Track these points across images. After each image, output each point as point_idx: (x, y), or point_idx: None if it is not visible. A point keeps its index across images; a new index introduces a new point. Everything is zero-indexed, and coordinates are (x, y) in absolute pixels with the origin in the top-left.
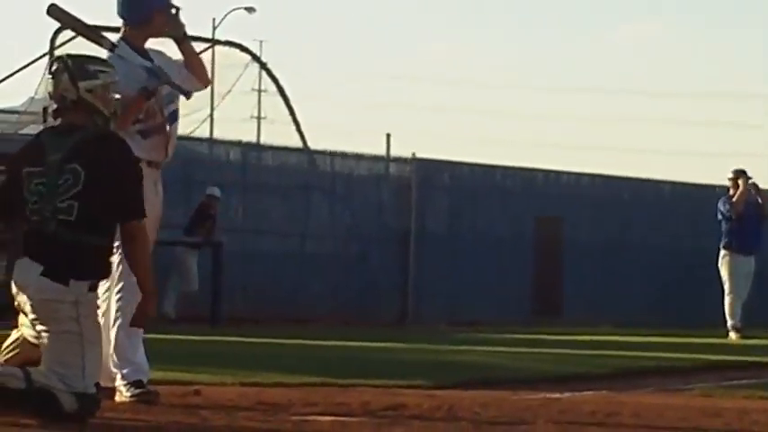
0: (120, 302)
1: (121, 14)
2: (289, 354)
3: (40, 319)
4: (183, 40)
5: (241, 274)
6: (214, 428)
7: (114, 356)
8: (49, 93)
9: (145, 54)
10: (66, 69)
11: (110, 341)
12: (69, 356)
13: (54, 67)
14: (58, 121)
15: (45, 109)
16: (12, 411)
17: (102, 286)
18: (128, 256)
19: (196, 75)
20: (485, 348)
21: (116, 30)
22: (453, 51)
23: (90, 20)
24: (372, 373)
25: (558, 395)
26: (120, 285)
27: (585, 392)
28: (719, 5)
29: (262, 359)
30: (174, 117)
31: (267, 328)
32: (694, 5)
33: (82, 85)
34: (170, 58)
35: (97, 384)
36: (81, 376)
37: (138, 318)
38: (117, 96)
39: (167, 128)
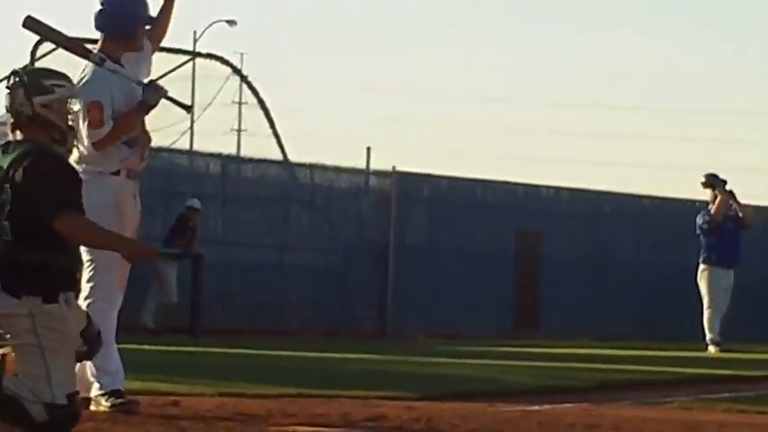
0: (93, 310)
1: (102, 28)
2: (268, 365)
3: (3, 332)
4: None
5: (220, 285)
6: None
7: (90, 366)
8: (6, 107)
9: (120, 65)
10: (22, 84)
11: None
12: (33, 368)
13: (10, 82)
14: (17, 136)
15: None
16: None
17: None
18: (88, 247)
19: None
20: (464, 361)
21: (93, 42)
22: (434, 65)
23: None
24: (352, 384)
25: (537, 407)
26: (87, 297)
27: (565, 405)
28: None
29: (241, 370)
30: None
31: (246, 340)
32: (681, 19)
33: (37, 100)
34: (141, 66)
35: (75, 396)
36: (48, 387)
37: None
38: (76, 108)
39: (143, 136)
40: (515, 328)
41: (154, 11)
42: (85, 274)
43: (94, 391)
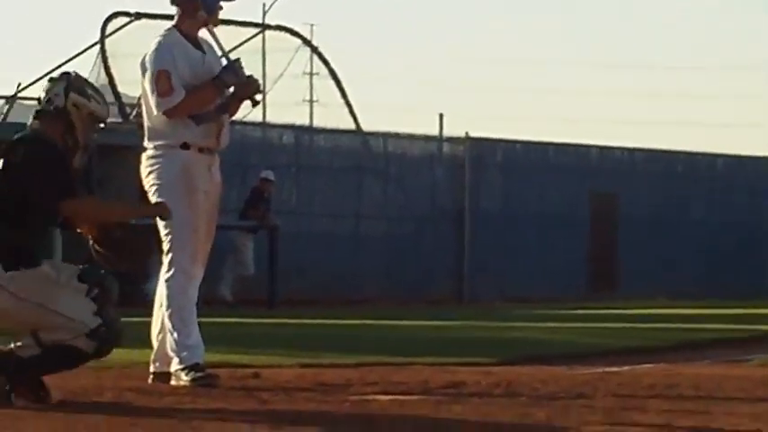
0: (168, 289)
1: (177, 2)
2: (345, 334)
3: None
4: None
5: (296, 256)
6: (274, 411)
7: (170, 340)
8: (39, 96)
9: (197, 44)
10: (66, 80)
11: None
12: (48, 322)
13: (56, 76)
14: (34, 125)
15: None
16: (37, 381)
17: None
18: (96, 227)
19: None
20: (541, 325)
21: (169, 17)
22: (505, 30)
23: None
24: (429, 351)
25: (616, 369)
26: (166, 271)
27: (644, 365)
28: None
29: (319, 340)
30: (223, 108)
31: (323, 310)
32: None
33: (73, 96)
34: (217, 54)
35: (102, 311)
36: (74, 323)
37: (161, 216)
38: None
39: (222, 117)
40: (591, 291)
41: None
42: (164, 247)
43: (174, 365)
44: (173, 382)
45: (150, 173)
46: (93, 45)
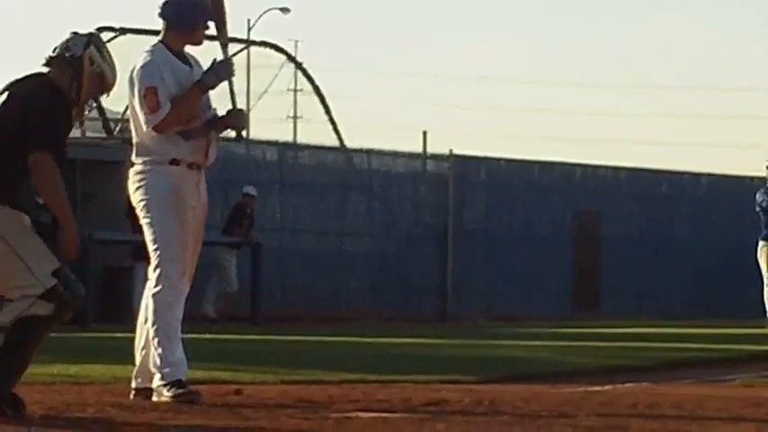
0: (155, 303)
1: (167, 17)
2: (328, 351)
3: None
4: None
5: (279, 272)
6: (255, 427)
7: (153, 356)
8: (59, 44)
9: (183, 58)
10: (89, 35)
11: (148, 341)
12: (10, 265)
13: (80, 31)
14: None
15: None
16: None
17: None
18: (36, 187)
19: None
20: (524, 343)
21: (155, 33)
22: (489, 48)
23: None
24: (413, 369)
25: (598, 388)
26: (154, 286)
27: (626, 385)
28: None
29: (302, 357)
30: (211, 125)
31: (306, 327)
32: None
33: (91, 50)
34: (198, 64)
35: (59, 270)
36: (33, 276)
37: (63, 252)
38: (102, 93)
39: (209, 133)
40: (575, 310)
41: None
42: (152, 262)
43: (156, 381)
44: (154, 398)
45: (138, 188)
46: None
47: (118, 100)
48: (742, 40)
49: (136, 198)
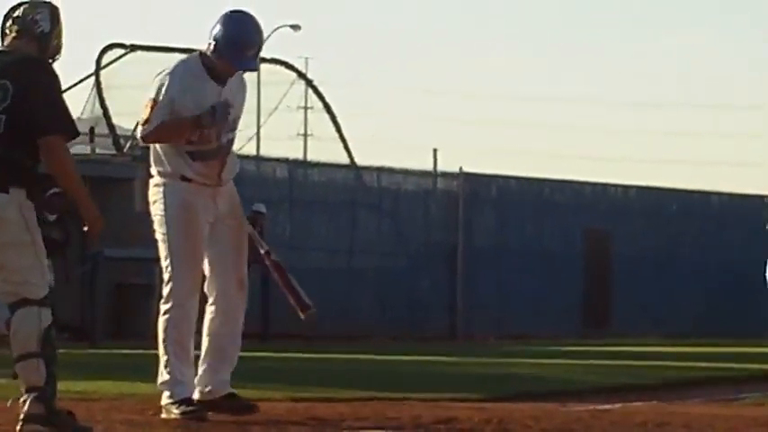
0: (165, 322)
1: (216, 39)
2: (338, 369)
3: None
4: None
5: None
6: None
7: (160, 373)
8: (18, 15)
9: (219, 76)
10: (50, 8)
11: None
12: (24, 260)
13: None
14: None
15: (92, 129)
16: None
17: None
18: (50, 171)
19: None
20: (534, 361)
21: (167, 50)
22: (500, 66)
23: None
24: (422, 386)
25: (608, 406)
26: (164, 302)
27: (636, 403)
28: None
29: (311, 374)
30: (231, 144)
31: (316, 344)
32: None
33: (60, 27)
34: (242, 87)
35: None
36: (39, 276)
37: (89, 231)
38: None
39: (224, 153)
40: (584, 328)
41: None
42: (164, 278)
43: (164, 399)
44: (163, 416)
45: (154, 202)
46: (88, 77)
47: (129, 117)
48: (756, 57)
49: (152, 211)
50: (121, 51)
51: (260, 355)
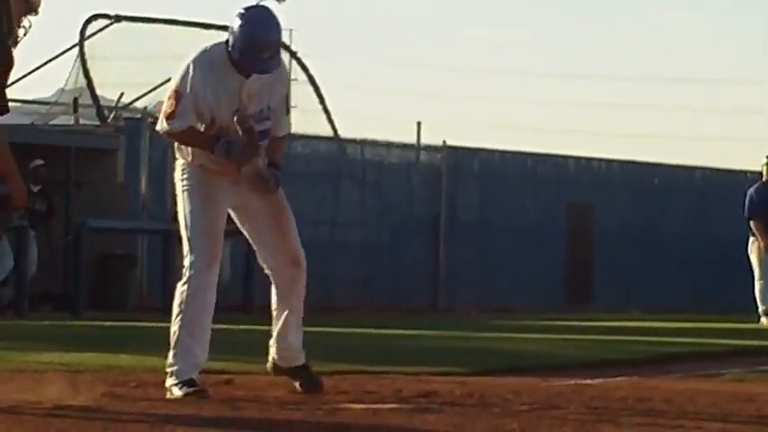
0: (184, 293)
1: (233, 38)
2: (319, 342)
3: None
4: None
5: None
6: (246, 418)
7: (171, 354)
8: None
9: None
10: None
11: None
12: None
13: None
14: None
15: (75, 100)
16: None
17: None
18: None
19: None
20: (516, 335)
21: (152, 21)
22: (483, 39)
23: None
24: (404, 360)
25: (589, 381)
26: (186, 273)
27: (617, 378)
28: None
29: None
30: (263, 135)
31: None
32: None
33: None
34: (277, 77)
35: None
36: None
37: (14, 201)
38: (32, 15)
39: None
40: (567, 302)
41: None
42: (183, 251)
43: (168, 380)
44: (167, 396)
45: (177, 180)
46: (72, 47)
47: (113, 88)
48: (739, 34)
49: (176, 187)
50: (106, 22)
51: (241, 328)
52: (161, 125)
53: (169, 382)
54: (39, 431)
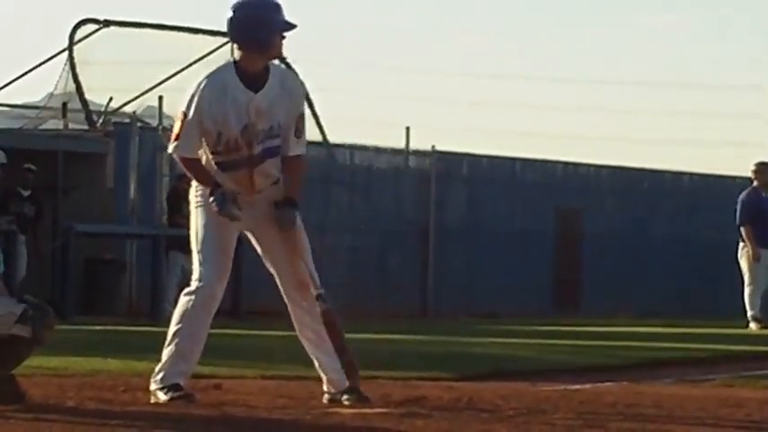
0: (188, 304)
1: (235, 38)
2: None
3: None
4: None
5: (261, 266)
6: (234, 422)
7: (163, 357)
8: None
9: (256, 80)
10: None
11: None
12: None
13: None
14: None
15: (64, 104)
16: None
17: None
18: None
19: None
20: (505, 340)
21: (141, 25)
22: (471, 44)
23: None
24: (392, 365)
25: (578, 386)
26: (193, 284)
27: (606, 383)
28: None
29: (282, 352)
30: (271, 153)
31: (287, 321)
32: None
33: None
34: (286, 93)
35: None
36: (3, 320)
37: None
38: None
39: (256, 162)
40: (555, 307)
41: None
42: (194, 262)
43: (152, 384)
44: (152, 400)
45: (192, 196)
46: (61, 52)
47: (102, 92)
48: (728, 38)
49: (191, 201)
50: (95, 27)
51: (231, 333)
52: (170, 147)
53: (154, 386)
54: None
